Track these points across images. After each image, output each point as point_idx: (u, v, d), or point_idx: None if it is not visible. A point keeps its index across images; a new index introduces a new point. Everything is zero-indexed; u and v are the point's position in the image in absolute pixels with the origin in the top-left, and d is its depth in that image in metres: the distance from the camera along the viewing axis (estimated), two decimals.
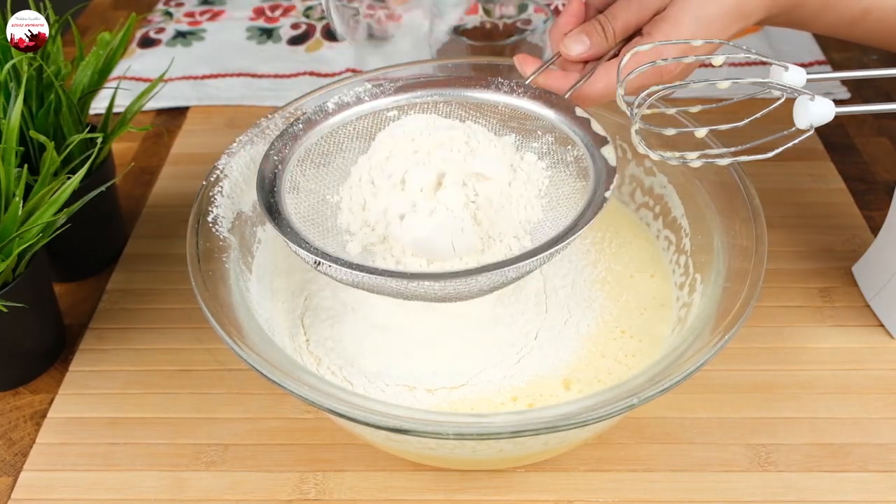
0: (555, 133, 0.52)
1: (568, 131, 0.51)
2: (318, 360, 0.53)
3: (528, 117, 0.53)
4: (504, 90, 0.53)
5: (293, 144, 0.51)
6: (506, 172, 0.50)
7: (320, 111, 0.53)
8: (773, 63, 0.47)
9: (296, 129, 0.52)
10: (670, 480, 0.52)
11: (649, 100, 0.46)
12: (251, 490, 0.52)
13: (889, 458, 0.53)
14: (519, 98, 0.53)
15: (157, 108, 0.87)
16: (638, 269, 0.58)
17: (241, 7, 1.05)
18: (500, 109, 0.53)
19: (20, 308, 0.54)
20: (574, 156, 0.51)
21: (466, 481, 0.52)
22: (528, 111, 0.52)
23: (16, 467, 0.54)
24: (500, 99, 0.53)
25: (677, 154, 0.48)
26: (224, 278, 0.50)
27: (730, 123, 0.47)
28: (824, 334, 0.61)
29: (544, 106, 0.52)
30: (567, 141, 0.51)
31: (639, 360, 0.52)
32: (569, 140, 0.51)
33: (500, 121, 0.53)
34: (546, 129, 0.52)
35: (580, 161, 0.50)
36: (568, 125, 0.51)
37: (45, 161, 0.55)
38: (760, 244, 0.49)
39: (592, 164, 0.49)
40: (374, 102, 0.53)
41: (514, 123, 0.53)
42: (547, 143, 0.52)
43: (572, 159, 0.51)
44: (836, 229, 0.70)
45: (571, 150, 0.51)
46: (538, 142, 0.52)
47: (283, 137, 0.51)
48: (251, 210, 0.56)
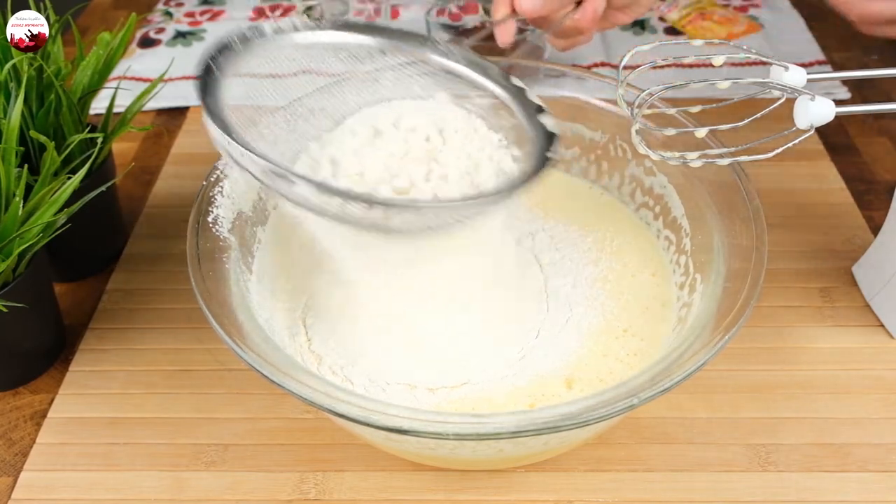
0: (491, 99, 0.51)
1: (505, 99, 0.50)
2: (320, 359, 0.53)
3: (465, 82, 0.52)
4: (441, 52, 0.52)
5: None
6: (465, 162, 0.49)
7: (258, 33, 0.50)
8: (774, 63, 0.47)
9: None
10: (670, 480, 0.52)
11: (650, 100, 0.46)
12: (251, 490, 0.52)
13: (889, 458, 0.53)
14: (456, 63, 0.52)
15: (157, 108, 0.87)
16: (639, 267, 0.58)
17: (241, 7, 1.05)
18: (436, 69, 0.52)
19: (20, 308, 0.54)
20: (511, 124, 0.50)
21: (466, 481, 0.52)
22: (466, 77, 0.52)
23: (16, 467, 0.54)
24: (438, 60, 0.52)
25: (677, 154, 0.48)
26: (224, 278, 0.50)
27: (730, 123, 0.47)
28: (824, 334, 0.61)
29: (481, 74, 0.51)
30: (504, 108, 0.50)
31: (641, 359, 0.52)
32: (505, 108, 0.50)
33: (436, 82, 0.52)
34: (483, 95, 0.51)
35: (518, 129, 0.49)
36: (505, 93, 0.50)
37: (46, 161, 0.55)
38: (760, 244, 0.49)
39: (533, 133, 0.48)
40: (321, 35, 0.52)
41: (451, 86, 0.52)
42: (483, 108, 0.51)
43: (510, 126, 0.50)
44: (836, 229, 0.70)
45: (508, 117, 0.50)
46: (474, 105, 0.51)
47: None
48: (251, 210, 0.56)
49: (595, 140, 0.63)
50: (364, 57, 0.52)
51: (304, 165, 0.49)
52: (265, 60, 0.50)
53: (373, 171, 0.47)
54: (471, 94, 0.51)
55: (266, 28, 0.50)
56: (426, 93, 0.52)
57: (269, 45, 0.50)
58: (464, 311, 0.53)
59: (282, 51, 0.51)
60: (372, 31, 0.52)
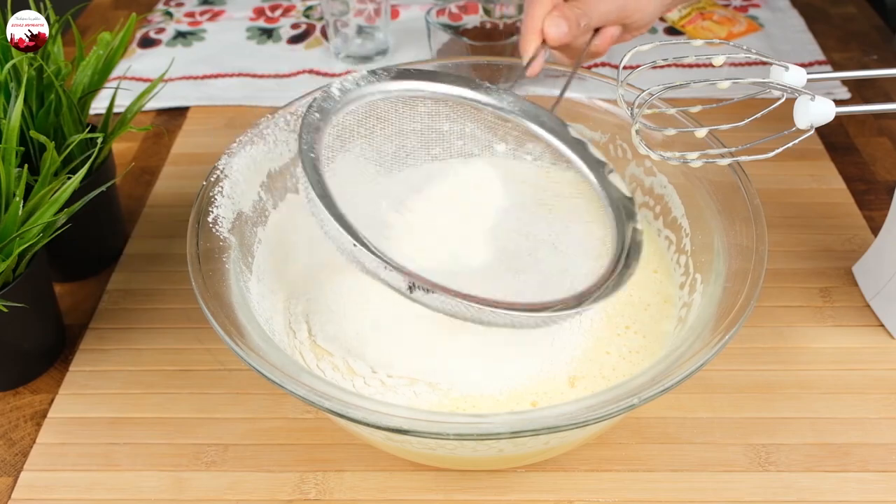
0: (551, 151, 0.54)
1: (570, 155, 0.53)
2: (323, 354, 0.53)
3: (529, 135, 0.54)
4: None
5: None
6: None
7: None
8: (774, 63, 0.47)
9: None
10: (670, 480, 0.52)
11: (650, 100, 0.46)
12: (251, 490, 0.52)
13: (889, 458, 0.53)
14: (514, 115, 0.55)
15: (157, 108, 0.87)
16: (641, 264, 0.58)
17: (241, 7, 1.05)
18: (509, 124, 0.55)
19: (20, 308, 0.54)
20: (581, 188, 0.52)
21: (466, 481, 0.52)
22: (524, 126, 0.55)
23: (16, 467, 0.54)
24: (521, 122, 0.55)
25: (678, 154, 0.48)
26: (224, 278, 0.50)
27: (730, 123, 0.47)
28: (824, 334, 0.61)
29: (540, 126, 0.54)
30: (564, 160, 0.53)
31: (643, 356, 0.52)
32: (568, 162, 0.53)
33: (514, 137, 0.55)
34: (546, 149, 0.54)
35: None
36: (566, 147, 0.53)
37: (46, 161, 0.55)
38: (760, 244, 0.49)
39: (605, 199, 0.51)
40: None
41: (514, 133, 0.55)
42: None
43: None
44: (836, 229, 0.70)
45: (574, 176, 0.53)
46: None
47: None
48: (251, 210, 0.56)
49: (595, 140, 0.63)
50: (421, 110, 0.55)
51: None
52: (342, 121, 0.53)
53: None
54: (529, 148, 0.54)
55: (335, 91, 0.52)
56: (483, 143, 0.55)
57: (338, 104, 0.52)
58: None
59: (348, 106, 0.53)
60: (431, 78, 0.55)
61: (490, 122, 0.55)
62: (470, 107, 0.55)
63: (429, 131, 0.55)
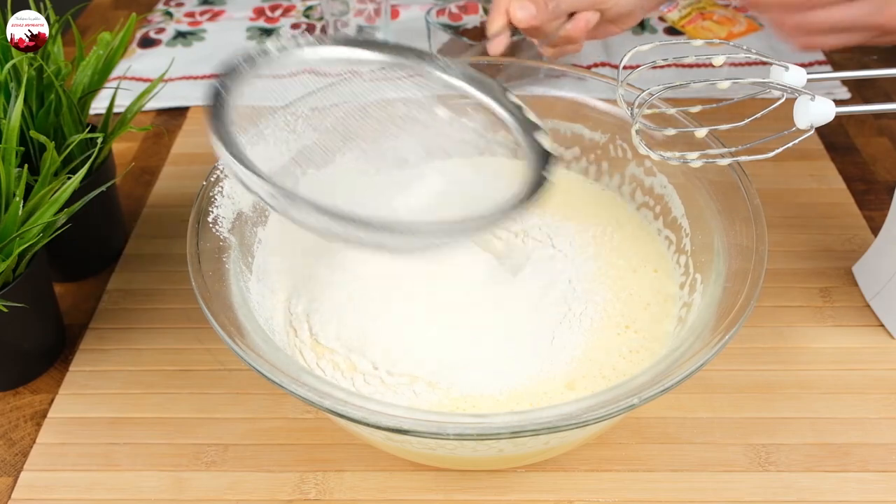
0: (487, 116, 0.52)
1: (502, 115, 0.51)
2: (323, 352, 0.53)
3: (462, 97, 0.53)
4: (440, 67, 0.53)
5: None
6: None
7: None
8: (774, 63, 0.47)
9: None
10: (670, 480, 0.52)
11: (650, 100, 0.46)
12: (251, 490, 0.52)
13: (889, 458, 0.53)
14: (455, 79, 0.53)
15: (157, 108, 0.87)
16: (641, 263, 0.58)
17: (241, 7, 1.05)
18: (437, 86, 0.53)
19: (20, 308, 0.54)
20: (509, 139, 0.51)
21: (466, 481, 0.52)
22: (463, 91, 0.53)
23: (16, 467, 0.54)
24: (438, 76, 0.53)
25: (677, 154, 0.48)
26: (224, 278, 0.50)
27: (730, 123, 0.47)
28: (824, 334, 0.61)
29: (478, 89, 0.52)
30: (499, 125, 0.52)
31: (643, 356, 0.52)
32: (501, 125, 0.51)
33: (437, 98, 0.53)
34: (478, 110, 0.52)
35: (514, 144, 0.51)
36: (502, 109, 0.52)
37: (46, 161, 0.55)
38: (760, 244, 0.49)
39: (529, 150, 0.49)
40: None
41: (450, 102, 0.53)
42: (481, 124, 0.53)
43: (505, 141, 0.51)
44: (836, 229, 0.70)
45: (505, 133, 0.51)
46: (472, 122, 0.53)
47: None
48: (251, 210, 0.56)
49: (595, 140, 0.63)
50: (365, 73, 0.53)
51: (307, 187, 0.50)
52: (272, 79, 0.52)
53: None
54: (469, 110, 0.52)
55: (271, 47, 0.51)
56: (427, 109, 0.53)
57: (273, 63, 0.51)
58: (467, 309, 0.53)
59: (286, 68, 0.52)
60: (372, 47, 0.53)
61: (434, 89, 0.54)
62: (416, 74, 0.54)
63: (372, 97, 0.53)
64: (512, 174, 0.49)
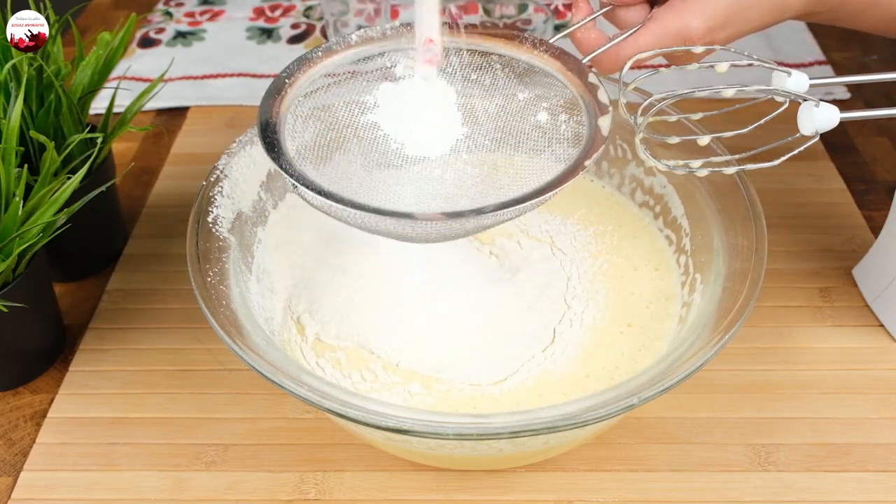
0: (564, 95, 0.51)
1: (576, 95, 0.50)
2: (320, 355, 0.53)
3: (543, 75, 0.52)
4: (526, 44, 0.53)
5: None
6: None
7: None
8: (776, 69, 0.47)
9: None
10: (670, 480, 0.52)
11: (655, 107, 0.46)
12: (251, 490, 0.52)
13: (889, 458, 0.53)
14: (536, 55, 0.52)
15: (157, 108, 0.87)
16: (642, 262, 0.58)
17: (241, 7, 1.05)
18: (516, 64, 0.53)
19: (20, 308, 0.54)
20: (576, 120, 0.50)
21: (466, 481, 0.52)
22: (542, 69, 0.52)
23: (16, 467, 0.54)
24: (516, 55, 0.53)
25: (681, 163, 0.47)
26: (224, 278, 0.50)
27: (732, 129, 0.47)
28: (824, 334, 0.61)
29: (560, 66, 0.51)
30: (574, 106, 0.50)
31: (645, 355, 0.52)
32: (575, 105, 0.50)
33: (516, 75, 0.53)
34: (558, 89, 0.51)
35: (578, 126, 0.49)
36: (577, 89, 0.50)
37: (46, 161, 0.55)
38: (760, 244, 0.49)
39: (587, 133, 0.48)
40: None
41: (527, 79, 0.52)
42: (556, 104, 0.51)
43: (570, 123, 0.50)
44: (836, 229, 0.70)
45: (575, 115, 0.50)
46: (549, 102, 0.52)
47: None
48: (251, 210, 0.56)
49: None
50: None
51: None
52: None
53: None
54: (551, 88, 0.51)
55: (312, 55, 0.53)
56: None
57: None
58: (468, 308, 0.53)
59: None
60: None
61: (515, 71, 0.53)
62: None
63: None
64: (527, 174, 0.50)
